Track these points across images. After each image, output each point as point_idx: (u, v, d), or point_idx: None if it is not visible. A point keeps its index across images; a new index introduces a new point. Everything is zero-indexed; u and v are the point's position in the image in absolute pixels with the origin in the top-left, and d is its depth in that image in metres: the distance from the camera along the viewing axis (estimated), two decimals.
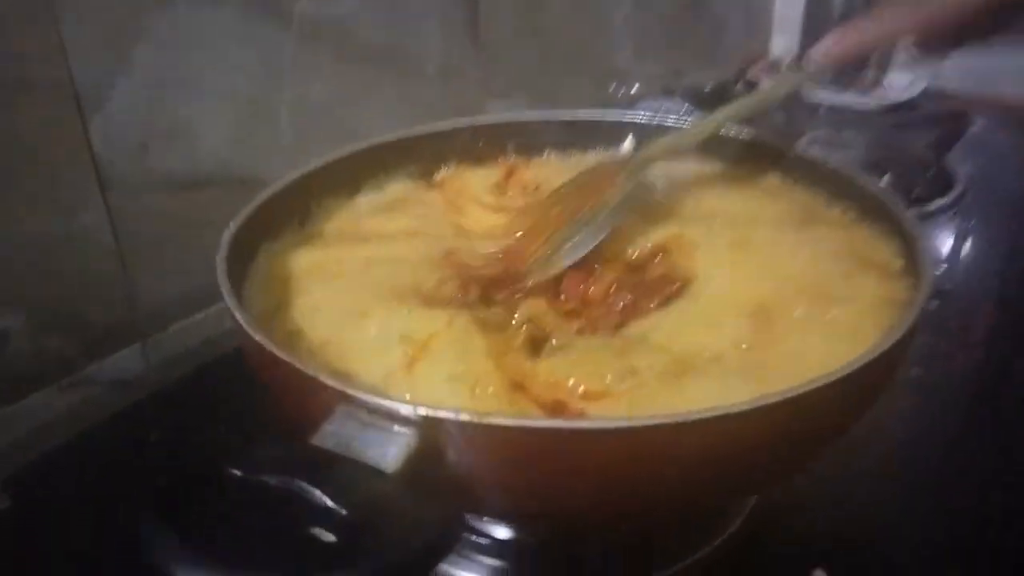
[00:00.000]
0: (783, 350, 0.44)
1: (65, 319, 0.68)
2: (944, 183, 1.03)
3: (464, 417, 0.35)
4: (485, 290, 0.51)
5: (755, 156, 0.63)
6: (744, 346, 0.45)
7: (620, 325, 0.49)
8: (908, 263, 0.50)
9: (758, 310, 0.46)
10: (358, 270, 0.52)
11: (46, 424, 0.66)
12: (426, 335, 0.44)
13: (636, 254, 0.55)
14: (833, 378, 0.37)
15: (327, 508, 0.31)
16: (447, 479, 0.36)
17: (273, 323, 0.48)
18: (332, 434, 0.35)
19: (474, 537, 0.51)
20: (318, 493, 0.31)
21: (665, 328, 0.47)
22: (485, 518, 0.50)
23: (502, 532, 0.51)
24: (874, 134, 1.13)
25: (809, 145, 0.93)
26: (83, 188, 0.66)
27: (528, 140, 0.67)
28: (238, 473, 0.32)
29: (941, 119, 1.21)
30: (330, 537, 0.32)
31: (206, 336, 0.76)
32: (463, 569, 0.51)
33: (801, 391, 0.36)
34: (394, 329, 0.45)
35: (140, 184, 0.70)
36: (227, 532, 0.31)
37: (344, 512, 0.31)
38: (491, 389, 0.41)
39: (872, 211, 0.56)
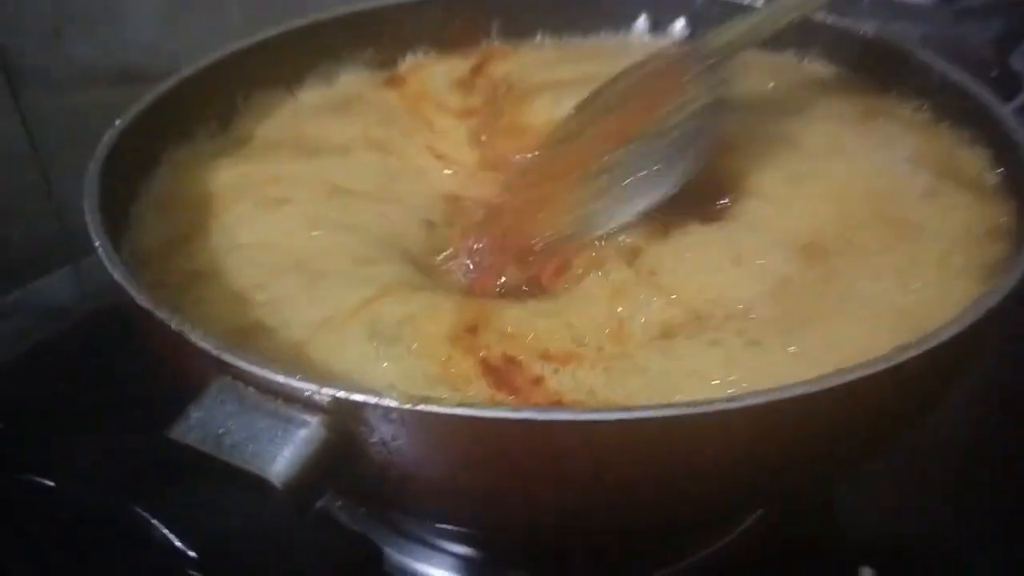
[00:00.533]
0: (834, 303, 0.32)
1: None
2: (1010, 86, 0.89)
3: (391, 402, 0.24)
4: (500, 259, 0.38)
5: (804, 40, 0.49)
6: (782, 296, 0.33)
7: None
8: (1007, 179, 0.38)
9: (811, 245, 0.34)
10: (307, 196, 0.39)
11: None
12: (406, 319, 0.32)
13: None
14: (902, 358, 0.25)
15: (171, 546, 0.20)
16: (367, 489, 0.25)
17: (172, 261, 0.36)
18: (199, 423, 0.24)
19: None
20: (156, 523, 0.21)
21: (687, 263, 0.35)
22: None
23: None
24: (929, 28, 0.99)
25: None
26: None
27: (515, 17, 0.52)
28: (48, 484, 0.22)
29: (1006, 9, 1.06)
30: None
31: None
32: (424, 562, 0.40)
33: (835, 382, 0.24)
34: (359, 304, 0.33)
35: (56, 79, 0.59)
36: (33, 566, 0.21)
37: (191, 554, 0.20)
38: (432, 330, 0.31)
39: (955, 109, 0.43)
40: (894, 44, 0.47)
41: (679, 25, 0.53)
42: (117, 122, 0.39)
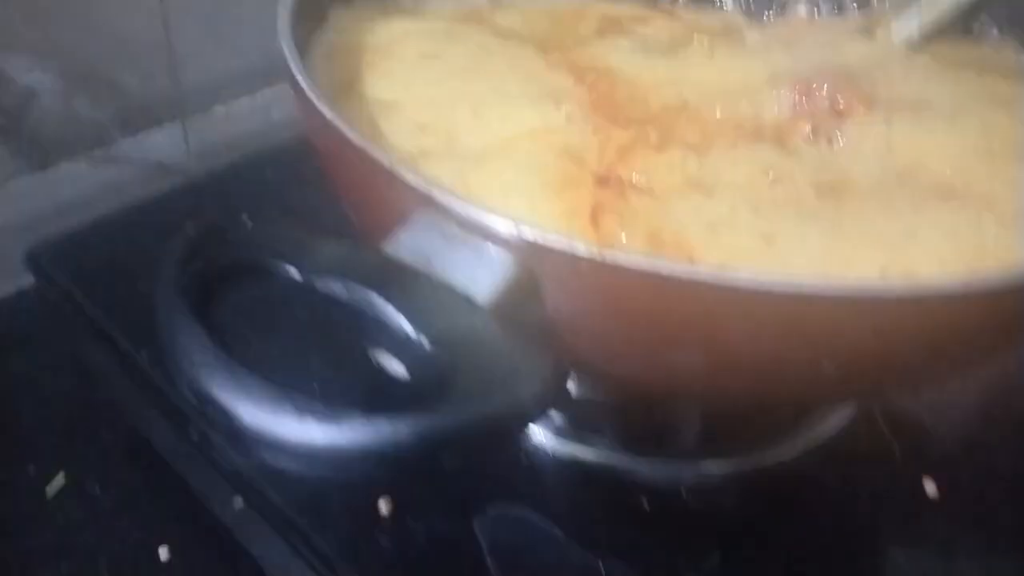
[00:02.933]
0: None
1: (100, 83, 0.61)
2: None
3: (582, 251, 0.27)
4: None
5: None
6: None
7: None
8: None
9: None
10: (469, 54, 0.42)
11: (75, 199, 0.60)
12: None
13: None
14: None
15: (404, 336, 0.24)
16: (553, 325, 0.29)
17: (343, 101, 0.39)
18: (408, 246, 0.28)
19: None
20: (395, 312, 0.24)
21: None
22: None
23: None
24: None
25: None
26: None
27: None
28: (295, 272, 0.25)
29: None
30: (402, 371, 0.25)
31: (255, 126, 0.68)
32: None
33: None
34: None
35: None
36: (273, 344, 0.24)
37: (425, 343, 0.24)
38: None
39: None
40: None
41: None
42: None
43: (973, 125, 0.38)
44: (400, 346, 0.24)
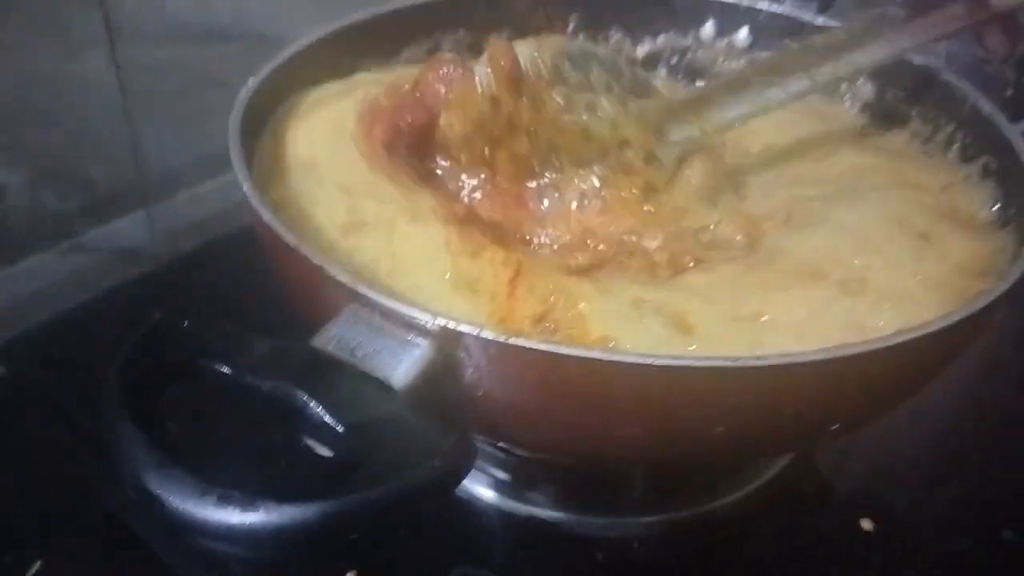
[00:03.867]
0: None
1: (66, 176, 0.64)
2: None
3: (488, 335, 0.30)
4: None
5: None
6: None
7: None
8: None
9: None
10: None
11: (45, 290, 0.63)
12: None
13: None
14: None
15: (324, 424, 0.27)
16: (464, 402, 0.31)
17: (276, 185, 0.43)
18: (337, 337, 0.30)
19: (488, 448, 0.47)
20: (313, 404, 0.27)
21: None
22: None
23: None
24: (954, 44, 1.03)
25: None
26: (89, 29, 0.60)
27: (593, 12, 0.58)
28: (227, 371, 0.28)
29: None
30: (326, 452, 0.28)
31: (218, 208, 0.71)
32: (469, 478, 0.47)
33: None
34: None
35: (151, 32, 0.64)
36: (207, 436, 0.27)
37: (340, 429, 0.27)
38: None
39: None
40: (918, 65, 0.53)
41: (743, 34, 0.59)
42: (250, 82, 0.45)
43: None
44: (321, 433, 0.27)
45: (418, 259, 0.39)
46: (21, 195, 0.61)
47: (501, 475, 0.47)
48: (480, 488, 0.47)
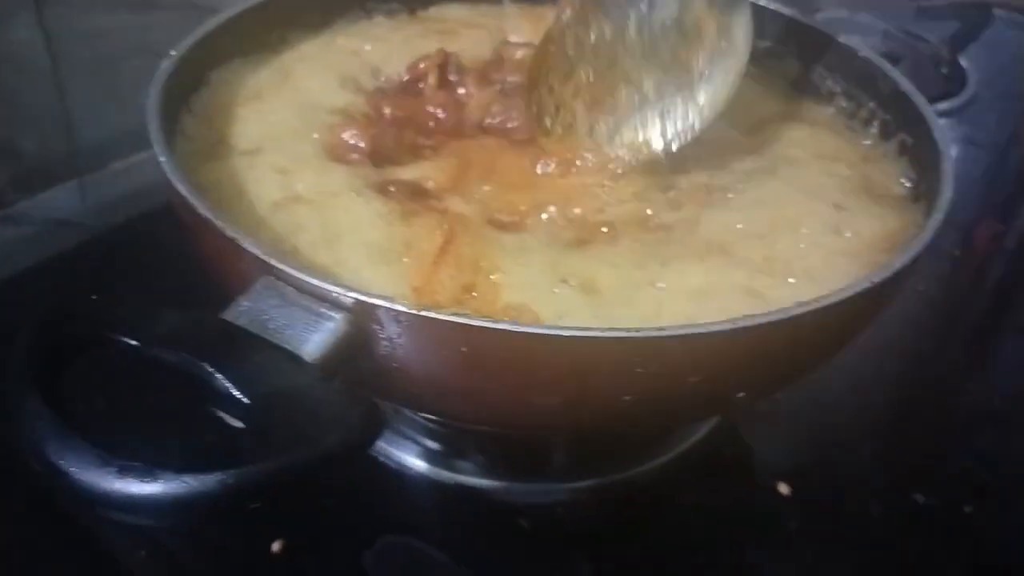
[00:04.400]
0: None
1: None
2: (957, 83, 0.96)
3: (401, 307, 0.30)
4: None
5: None
6: None
7: None
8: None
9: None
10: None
11: None
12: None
13: None
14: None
15: (231, 396, 0.27)
16: (379, 373, 0.32)
17: (210, 164, 0.43)
18: (247, 310, 0.31)
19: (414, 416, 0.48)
20: (220, 377, 0.27)
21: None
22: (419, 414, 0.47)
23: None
24: (893, 21, 1.05)
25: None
26: None
27: None
28: (134, 343, 0.28)
29: (961, 10, 1.12)
30: (237, 423, 0.28)
31: (149, 179, 0.70)
32: (398, 448, 0.48)
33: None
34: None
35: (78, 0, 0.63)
36: (113, 408, 0.27)
37: (246, 401, 0.27)
38: None
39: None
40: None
41: None
42: (172, 52, 0.44)
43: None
44: (228, 405, 0.27)
45: (347, 230, 0.39)
46: None
47: (431, 444, 0.48)
48: (410, 457, 0.48)
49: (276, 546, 0.43)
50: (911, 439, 0.54)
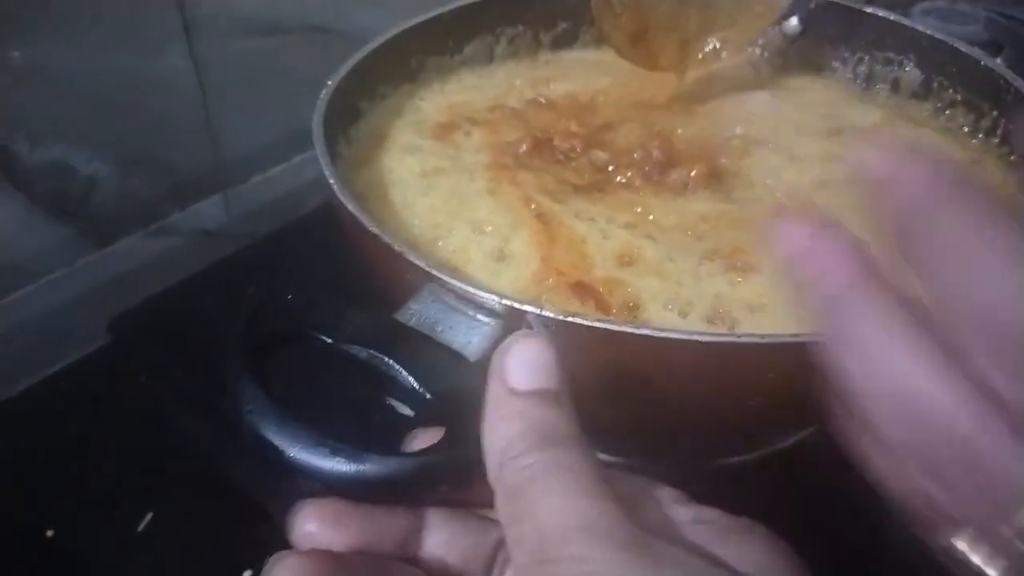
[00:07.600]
0: None
1: (151, 165, 0.69)
2: None
3: (546, 312, 0.34)
4: None
5: None
6: None
7: None
8: None
9: None
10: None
11: (135, 270, 0.69)
12: None
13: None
14: None
15: (411, 389, 0.32)
16: None
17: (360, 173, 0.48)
18: (417, 312, 0.35)
19: None
20: (404, 373, 0.32)
21: None
22: None
23: None
24: (996, 6, 1.03)
25: (923, 16, 0.86)
26: (168, 28, 0.65)
27: None
28: (327, 340, 0.33)
29: None
30: (407, 411, 0.32)
31: (286, 189, 0.76)
32: None
33: None
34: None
35: (223, 27, 0.69)
36: (311, 395, 0.32)
37: (428, 396, 0.31)
38: None
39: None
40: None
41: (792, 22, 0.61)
42: (331, 81, 0.50)
43: None
44: (408, 397, 0.32)
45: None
46: (111, 183, 0.66)
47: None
48: None
49: None
50: None
